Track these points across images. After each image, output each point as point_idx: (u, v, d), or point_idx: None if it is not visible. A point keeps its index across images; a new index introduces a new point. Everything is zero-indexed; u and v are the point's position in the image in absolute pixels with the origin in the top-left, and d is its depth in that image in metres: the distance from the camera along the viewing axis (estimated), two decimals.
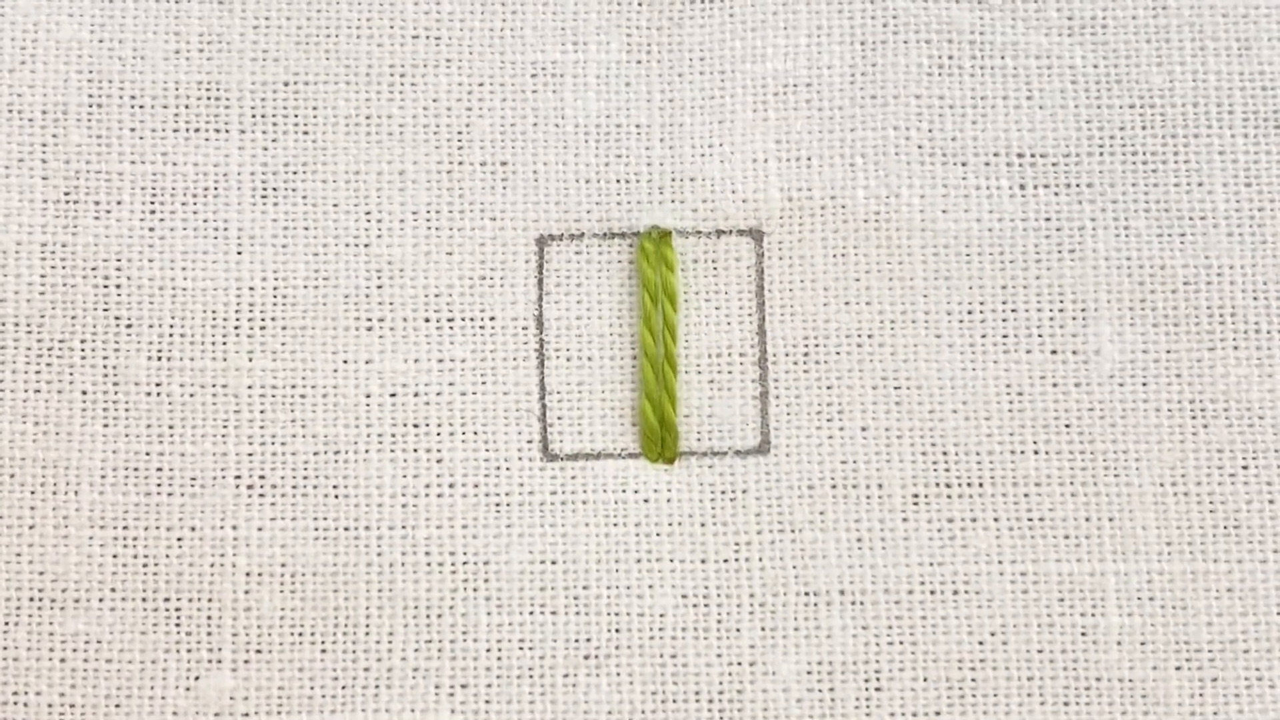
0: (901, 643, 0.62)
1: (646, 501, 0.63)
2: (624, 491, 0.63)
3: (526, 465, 0.63)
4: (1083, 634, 0.62)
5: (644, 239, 0.64)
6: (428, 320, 0.64)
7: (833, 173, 0.65)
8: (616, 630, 0.62)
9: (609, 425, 0.64)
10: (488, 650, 0.62)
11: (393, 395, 0.63)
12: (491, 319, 0.64)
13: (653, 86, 0.65)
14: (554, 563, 0.63)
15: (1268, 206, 0.64)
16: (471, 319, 0.64)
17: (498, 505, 0.63)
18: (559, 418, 0.64)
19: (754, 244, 0.64)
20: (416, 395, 0.63)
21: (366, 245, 0.64)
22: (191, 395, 0.63)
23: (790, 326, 0.64)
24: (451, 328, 0.64)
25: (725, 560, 0.63)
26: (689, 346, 0.64)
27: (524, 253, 0.64)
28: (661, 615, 0.62)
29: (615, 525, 0.63)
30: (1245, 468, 0.63)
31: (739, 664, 0.62)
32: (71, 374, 0.63)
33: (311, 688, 0.62)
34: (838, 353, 0.64)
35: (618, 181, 0.65)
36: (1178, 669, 0.62)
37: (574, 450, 0.63)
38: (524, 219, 0.65)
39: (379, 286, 0.64)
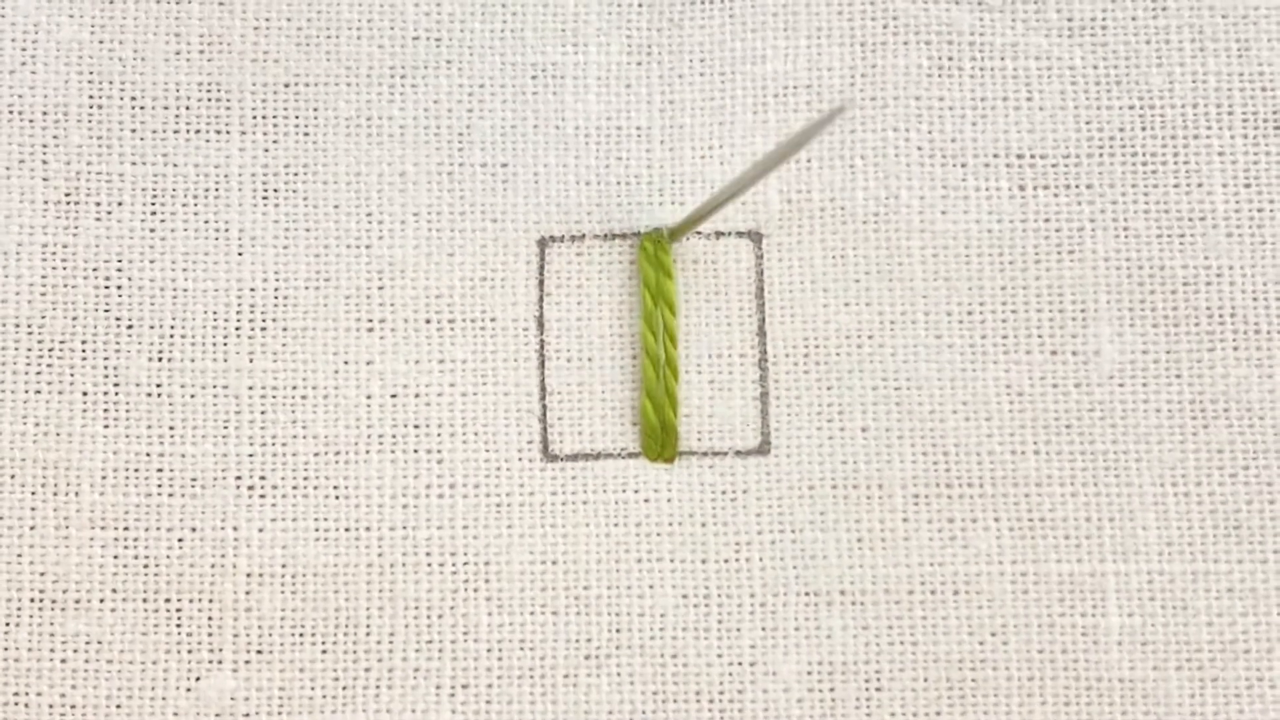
0: (902, 643, 0.62)
1: (647, 501, 0.63)
2: (624, 491, 0.63)
3: (527, 466, 0.63)
4: (1083, 634, 0.62)
5: (645, 239, 0.64)
6: (429, 321, 0.64)
7: (832, 174, 0.65)
8: (617, 630, 0.62)
9: (609, 425, 0.64)
10: (488, 651, 0.62)
11: (393, 396, 0.63)
12: (492, 320, 0.64)
13: (653, 88, 0.65)
14: (554, 563, 0.63)
15: (1267, 207, 0.64)
16: (472, 320, 0.64)
17: (498, 506, 0.63)
18: (559, 418, 0.64)
19: (753, 245, 0.64)
20: (417, 396, 0.63)
21: (367, 246, 0.64)
22: (192, 396, 0.63)
23: (790, 327, 0.64)
24: (453, 329, 0.64)
25: (726, 560, 0.63)
26: (689, 347, 0.64)
27: (525, 254, 0.64)
28: (662, 615, 0.62)
29: (616, 525, 0.63)
30: (1245, 468, 0.63)
31: (739, 664, 0.62)
32: (72, 375, 0.63)
33: (312, 689, 0.62)
34: (838, 353, 0.64)
35: (618, 183, 0.65)
36: (1178, 669, 0.62)
37: (574, 451, 0.64)
38: (525, 220, 0.65)
39: (380, 288, 0.64)
